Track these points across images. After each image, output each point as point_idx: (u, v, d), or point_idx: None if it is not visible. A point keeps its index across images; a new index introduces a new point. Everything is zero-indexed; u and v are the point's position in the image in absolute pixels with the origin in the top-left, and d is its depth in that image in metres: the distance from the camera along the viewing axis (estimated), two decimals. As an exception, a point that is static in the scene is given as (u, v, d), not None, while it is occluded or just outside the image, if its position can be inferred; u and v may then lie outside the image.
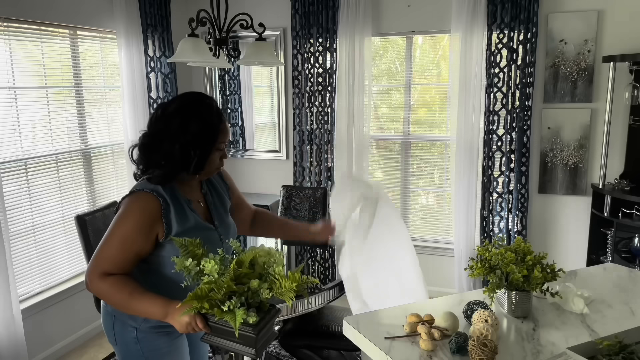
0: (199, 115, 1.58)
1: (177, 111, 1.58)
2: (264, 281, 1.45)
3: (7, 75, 3.09)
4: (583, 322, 1.66)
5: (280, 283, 1.44)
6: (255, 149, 4.78)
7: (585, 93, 3.75)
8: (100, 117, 3.84)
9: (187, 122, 1.56)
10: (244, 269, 1.45)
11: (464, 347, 1.43)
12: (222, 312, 1.40)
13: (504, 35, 3.78)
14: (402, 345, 1.51)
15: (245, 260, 1.46)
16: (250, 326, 1.42)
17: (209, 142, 1.59)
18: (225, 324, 1.43)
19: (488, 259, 1.70)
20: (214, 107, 1.63)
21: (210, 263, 1.41)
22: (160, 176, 1.58)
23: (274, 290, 1.44)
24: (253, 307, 1.45)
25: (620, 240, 3.62)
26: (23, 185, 3.22)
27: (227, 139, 1.66)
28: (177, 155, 1.56)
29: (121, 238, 1.54)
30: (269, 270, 1.47)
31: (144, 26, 3.89)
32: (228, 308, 1.39)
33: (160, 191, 1.58)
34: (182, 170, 1.59)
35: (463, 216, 4.03)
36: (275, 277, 1.45)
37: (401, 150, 4.37)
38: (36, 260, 3.35)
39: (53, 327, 3.42)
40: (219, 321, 1.44)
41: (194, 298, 1.41)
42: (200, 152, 1.58)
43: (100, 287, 1.53)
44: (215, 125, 1.60)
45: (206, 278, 1.41)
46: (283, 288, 1.44)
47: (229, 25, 2.91)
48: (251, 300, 1.45)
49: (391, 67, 4.40)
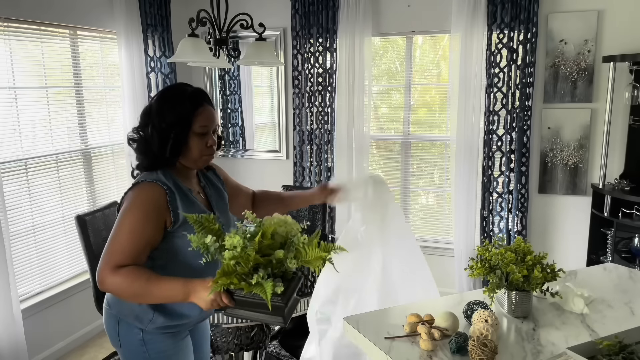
0: (171, 100, 1.63)
1: (155, 100, 1.66)
2: (288, 251, 1.42)
3: (7, 75, 3.09)
4: (583, 322, 1.66)
5: (306, 252, 1.41)
6: (255, 149, 4.78)
7: (585, 93, 3.75)
8: (100, 117, 3.84)
9: (161, 108, 1.62)
10: (267, 240, 1.41)
11: (464, 347, 1.44)
12: (250, 285, 1.36)
13: (504, 35, 3.78)
14: (402, 345, 1.51)
15: (267, 231, 1.42)
16: (278, 296, 1.38)
17: (183, 125, 1.61)
18: (252, 297, 1.40)
19: (488, 259, 1.70)
20: (188, 92, 1.65)
21: (235, 238, 1.38)
22: (145, 163, 1.63)
23: (299, 260, 1.41)
24: (278, 277, 1.41)
25: (620, 240, 3.62)
26: (23, 185, 3.22)
27: (209, 125, 1.66)
28: (155, 140, 1.60)
29: (130, 229, 1.52)
30: (293, 239, 1.44)
31: (144, 26, 3.89)
32: (256, 281, 1.35)
33: (164, 180, 1.60)
34: (160, 155, 1.61)
35: (463, 216, 4.03)
36: (300, 246, 1.42)
37: (401, 150, 4.37)
38: (36, 260, 3.35)
39: (53, 327, 3.42)
40: (246, 294, 1.41)
41: (222, 275, 1.37)
42: (175, 136, 1.60)
43: (114, 281, 1.48)
44: (188, 109, 1.62)
45: (227, 253, 1.38)
46: (310, 257, 1.41)
47: (229, 25, 2.91)
48: (276, 270, 1.41)
49: (391, 67, 4.40)
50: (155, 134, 1.60)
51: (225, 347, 2.49)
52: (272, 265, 1.40)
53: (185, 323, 1.71)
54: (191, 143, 1.63)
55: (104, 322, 1.74)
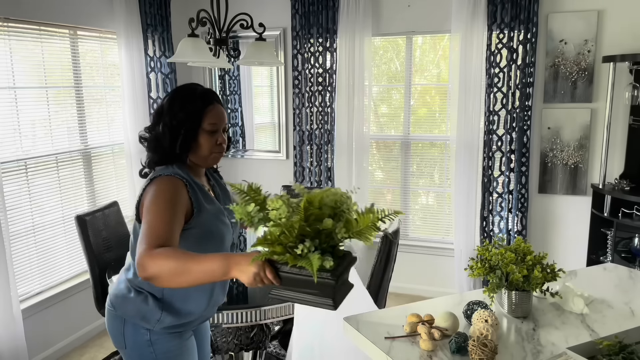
0: (182, 98, 1.66)
1: (167, 99, 1.69)
2: (337, 220, 1.30)
3: (7, 75, 3.09)
4: (583, 322, 1.66)
5: (358, 220, 1.28)
6: (255, 149, 4.78)
7: (585, 93, 3.75)
8: (100, 117, 3.84)
9: (172, 106, 1.65)
10: (314, 209, 1.28)
11: (464, 347, 1.44)
12: (295, 257, 1.24)
13: (504, 35, 3.78)
14: (402, 345, 1.51)
15: (314, 199, 1.30)
16: (327, 271, 1.25)
17: (192, 122, 1.63)
18: (299, 272, 1.27)
19: (488, 259, 1.70)
20: (199, 91, 1.68)
21: (278, 202, 1.29)
22: (156, 159, 1.65)
23: (350, 230, 1.29)
24: (327, 252, 1.29)
25: (620, 240, 3.62)
26: (23, 185, 3.22)
27: (219, 123, 1.68)
28: (166, 136, 1.63)
29: (161, 216, 1.50)
30: (342, 207, 1.32)
31: (144, 26, 3.89)
32: (302, 252, 1.24)
33: (181, 173, 1.63)
34: (171, 151, 1.63)
35: (463, 216, 4.03)
36: (350, 215, 1.30)
37: (401, 151, 4.37)
38: (36, 260, 3.35)
39: (53, 327, 3.42)
40: (291, 270, 1.29)
41: (264, 242, 1.27)
42: (185, 132, 1.63)
43: (155, 263, 1.39)
44: (199, 107, 1.64)
45: (273, 213, 1.29)
46: (361, 225, 1.28)
47: (229, 25, 2.91)
48: (325, 244, 1.29)
49: (391, 67, 4.40)
50: (166, 131, 1.63)
51: (225, 347, 2.49)
52: (320, 238, 1.28)
53: (191, 322, 1.72)
54: (201, 140, 1.65)
55: (107, 323, 1.73)
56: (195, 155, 1.68)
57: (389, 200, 4.55)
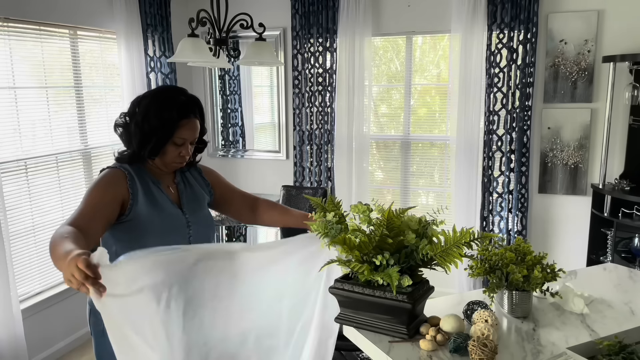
0: (161, 103, 1.67)
1: (146, 98, 1.70)
2: (422, 237, 1.21)
3: (7, 75, 3.09)
4: (583, 322, 1.66)
5: (445, 239, 1.18)
6: (255, 149, 4.78)
7: (585, 93, 3.75)
8: (100, 117, 3.84)
9: (148, 108, 1.67)
10: (397, 220, 1.20)
11: (464, 347, 1.43)
12: (372, 270, 1.14)
13: (504, 35, 3.78)
14: (402, 345, 1.51)
15: (398, 212, 1.22)
16: (404, 293, 1.13)
17: (164, 133, 1.66)
18: (372, 293, 1.14)
19: (488, 259, 1.69)
20: (178, 101, 1.68)
21: (359, 206, 1.25)
22: (127, 156, 1.72)
23: (434, 251, 1.18)
24: (405, 274, 1.19)
25: (620, 240, 3.62)
26: (23, 185, 3.22)
27: (189, 136, 1.71)
28: (137, 139, 1.67)
29: (86, 199, 1.60)
30: (427, 227, 1.25)
31: (144, 26, 3.89)
32: (380, 263, 1.14)
33: (126, 166, 1.70)
34: (138, 152, 1.69)
35: (463, 216, 4.03)
36: (436, 234, 1.21)
37: (401, 151, 4.37)
38: (36, 260, 3.35)
39: (53, 327, 3.42)
40: (363, 289, 1.18)
41: (338, 242, 1.17)
42: (156, 140, 1.66)
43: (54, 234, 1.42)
44: (174, 118, 1.66)
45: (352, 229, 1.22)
46: (448, 243, 1.17)
47: (229, 25, 2.91)
48: (403, 264, 1.19)
49: (391, 67, 4.40)
50: (137, 132, 1.67)
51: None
52: (400, 255, 1.20)
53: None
54: (167, 149, 1.70)
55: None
56: (157, 160, 1.73)
57: (389, 200, 4.55)
